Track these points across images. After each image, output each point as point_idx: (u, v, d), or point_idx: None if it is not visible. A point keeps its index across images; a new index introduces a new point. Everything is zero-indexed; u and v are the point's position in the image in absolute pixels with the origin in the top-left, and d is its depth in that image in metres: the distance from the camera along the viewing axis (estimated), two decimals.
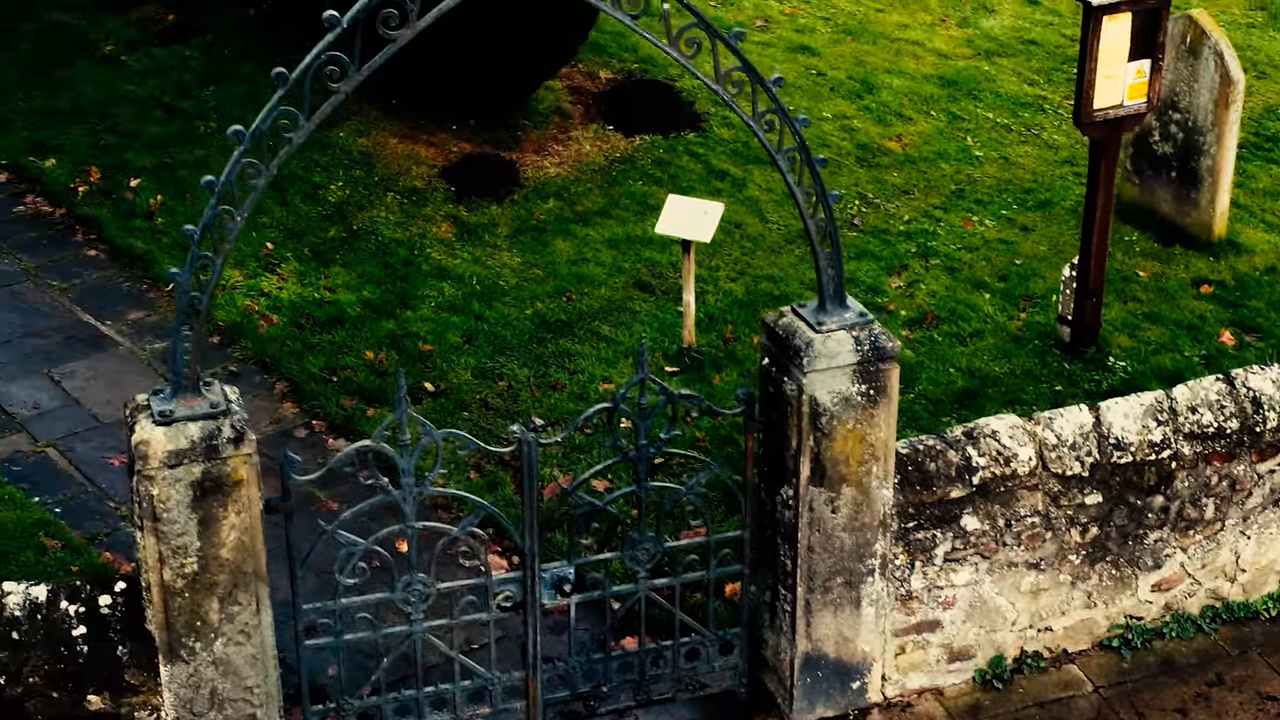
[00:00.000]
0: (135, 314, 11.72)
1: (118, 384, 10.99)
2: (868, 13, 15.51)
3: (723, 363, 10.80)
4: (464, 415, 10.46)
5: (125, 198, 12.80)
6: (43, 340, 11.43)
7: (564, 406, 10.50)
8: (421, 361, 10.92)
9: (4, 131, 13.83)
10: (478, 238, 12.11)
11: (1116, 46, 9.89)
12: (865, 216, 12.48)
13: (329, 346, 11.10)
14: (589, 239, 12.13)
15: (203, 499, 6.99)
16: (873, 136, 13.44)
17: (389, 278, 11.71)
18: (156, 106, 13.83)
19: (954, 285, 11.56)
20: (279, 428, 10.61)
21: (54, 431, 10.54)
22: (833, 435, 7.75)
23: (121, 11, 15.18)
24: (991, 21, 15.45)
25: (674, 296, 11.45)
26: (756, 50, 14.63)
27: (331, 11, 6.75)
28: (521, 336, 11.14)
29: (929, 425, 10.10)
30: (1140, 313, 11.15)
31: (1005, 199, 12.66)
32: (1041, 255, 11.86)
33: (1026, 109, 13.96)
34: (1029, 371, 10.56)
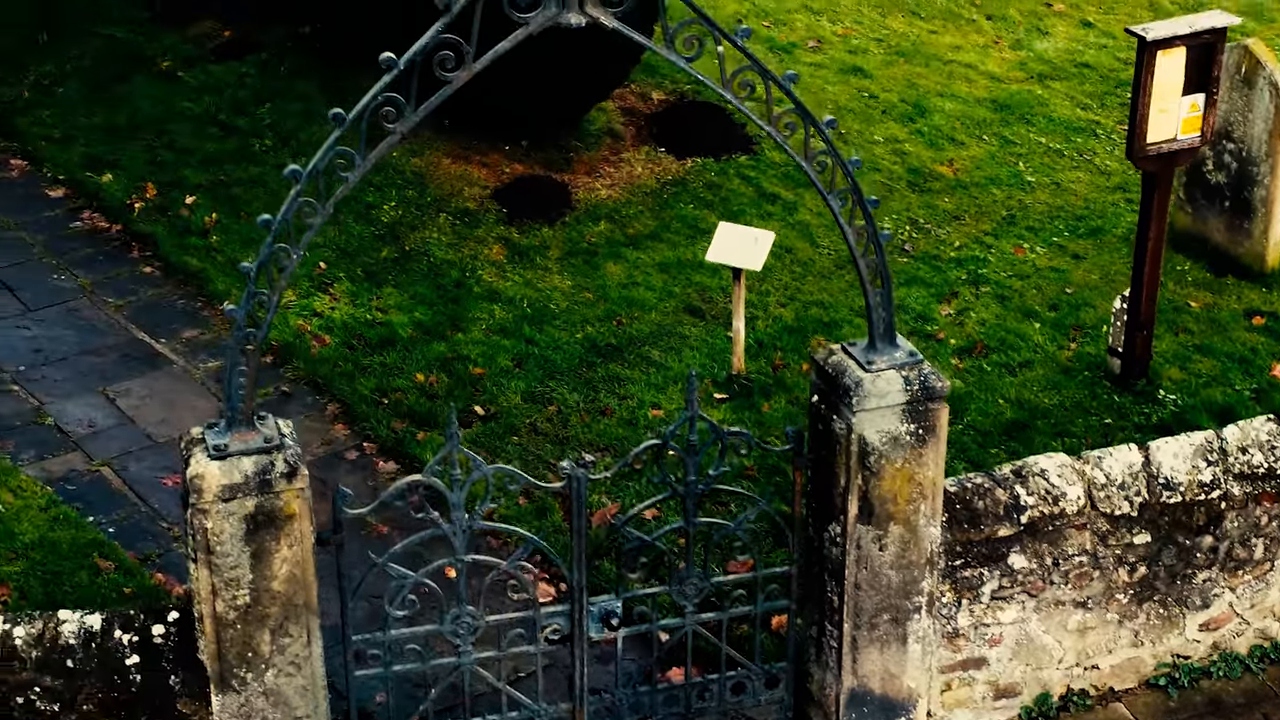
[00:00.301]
0: (189, 332, 11.83)
1: (172, 403, 11.10)
2: (920, 34, 15.50)
3: (772, 390, 10.82)
4: (513, 440, 10.52)
5: (181, 215, 12.92)
6: (98, 358, 11.55)
7: (613, 432, 10.55)
8: (472, 385, 10.99)
9: (63, 147, 13.99)
10: (529, 260, 12.17)
11: (1171, 81, 9.87)
12: (916, 242, 12.49)
13: (380, 368, 11.18)
14: (640, 262, 12.17)
15: (255, 532, 7.07)
16: (924, 161, 13.44)
17: (440, 299, 11.78)
18: (212, 123, 13.95)
19: (1004, 314, 11.55)
20: (330, 449, 10.70)
21: (109, 450, 10.66)
22: (881, 474, 7.77)
23: (179, 28, 15.32)
24: (1045, 44, 15.42)
25: (724, 321, 11.48)
26: (809, 71, 14.65)
27: (388, 54, 6.80)
28: (571, 360, 11.19)
29: (977, 457, 10.11)
30: (1191, 344, 11.12)
31: (1057, 226, 12.64)
32: (1092, 284, 11.84)
33: (1079, 134, 13.93)
34: (1078, 404, 10.55)
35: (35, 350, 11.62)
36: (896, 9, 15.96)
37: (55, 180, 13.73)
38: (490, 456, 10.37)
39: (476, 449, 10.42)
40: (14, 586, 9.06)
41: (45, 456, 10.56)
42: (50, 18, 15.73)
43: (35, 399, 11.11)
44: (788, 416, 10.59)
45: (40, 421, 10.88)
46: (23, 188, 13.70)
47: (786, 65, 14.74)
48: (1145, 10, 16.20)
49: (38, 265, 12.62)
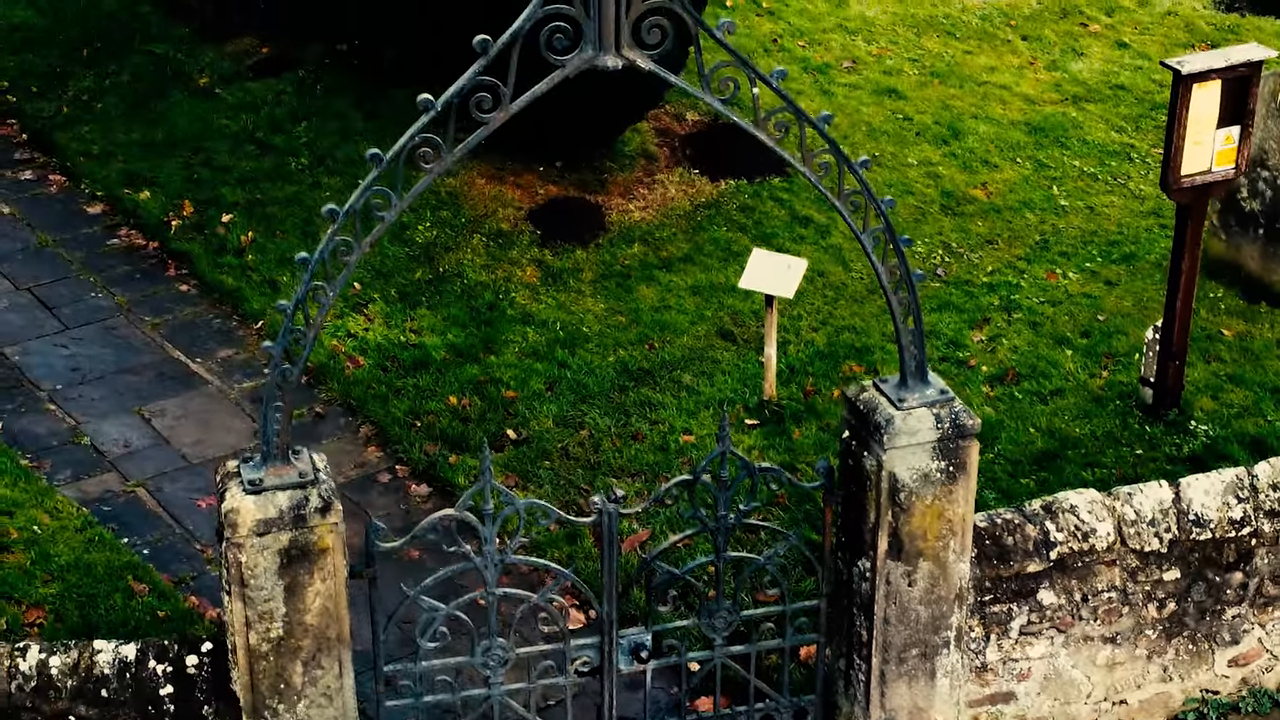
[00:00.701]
0: (225, 351, 11.92)
1: (207, 424, 11.19)
2: (955, 54, 15.50)
3: (803, 416, 10.85)
4: (545, 464, 10.57)
5: (217, 233, 13.01)
6: (134, 377, 11.65)
7: (644, 458, 10.59)
8: (504, 408, 11.04)
9: (102, 163, 14.10)
10: (562, 282, 12.22)
11: (1205, 113, 9.87)
12: (949, 266, 12.50)
13: (414, 390, 11.24)
14: (672, 285, 12.21)
15: (289, 566, 7.13)
16: (958, 184, 13.45)
17: (474, 321, 11.84)
18: (249, 141, 14.04)
19: (1036, 341, 11.55)
20: (362, 472, 10.77)
21: (144, 471, 10.75)
22: (911, 511, 7.79)
23: (217, 43, 15.42)
24: (1080, 65, 15.40)
25: (756, 346, 11.51)
26: (844, 92, 14.68)
27: (425, 95, 6.87)
28: (604, 384, 11.24)
29: (1007, 487, 10.12)
30: (1224, 374, 11.11)
31: (1090, 251, 12.64)
32: (1125, 311, 11.83)
33: (1114, 157, 13.92)
34: (1109, 433, 10.55)
35: (73, 369, 11.73)
36: (932, 29, 15.97)
37: (93, 197, 13.84)
38: (522, 481, 10.44)
39: (508, 473, 10.49)
40: (49, 610, 9.15)
41: (81, 477, 10.66)
42: (91, 33, 15.85)
43: (72, 418, 11.21)
44: (819, 443, 10.62)
45: (77, 441, 10.98)
46: (61, 204, 13.82)
47: (821, 86, 14.77)
48: (1181, 31, 16.18)
49: (76, 282, 12.73)
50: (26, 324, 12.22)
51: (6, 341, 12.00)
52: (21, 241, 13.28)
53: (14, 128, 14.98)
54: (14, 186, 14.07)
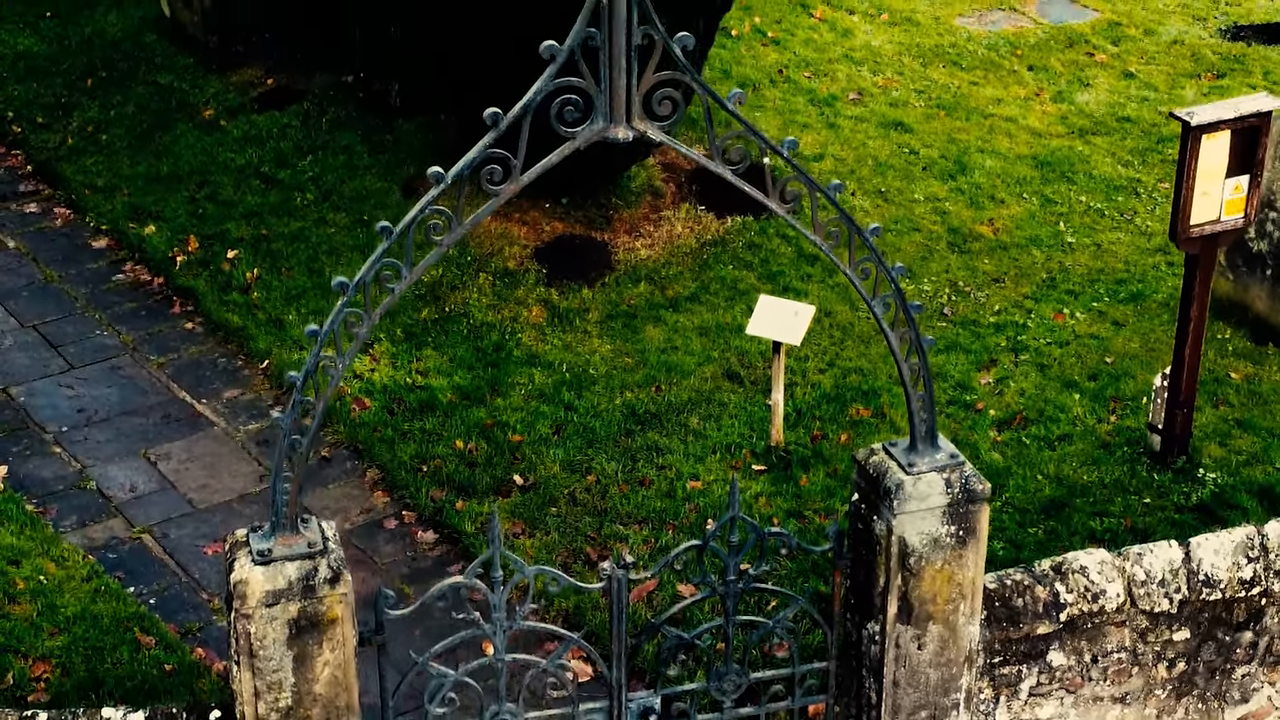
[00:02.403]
0: (230, 392, 11.91)
1: (212, 467, 11.17)
2: (962, 85, 15.48)
3: (810, 462, 10.83)
4: (552, 511, 10.56)
5: (222, 269, 12.99)
6: (140, 419, 11.63)
7: (651, 504, 10.57)
8: (511, 452, 11.02)
9: (107, 196, 14.09)
10: (569, 323, 12.20)
11: (1214, 163, 9.85)
12: (956, 305, 12.48)
13: (420, 434, 11.22)
14: (679, 326, 12.19)
15: (298, 636, 7.11)
16: (965, 220, 13.43)
17: (480, 363, 11.82)
18: (255, 175, 14.02)
19: (1044, 383, 11.53)
20: (369, 517, 10.75)
21: (150, 516, 10.74)
22: (921, 575, 7.77)
23: (222, 74, 15.40)
24: (1086, 96, 15.38)
25: (763, 388, 11.49)
26: (849, 125, 14.65)
27: (436, 169, 6.85)
28: (611, 428, 11.22)
29: (1016, 536, 10.10)
30: (1232, 419, 11.09)
31: (1097, 289, 12.62)
32: (1132, 353, 11.81)
33: (1120, 192, 13.90)
34: (1118, 481, 10.53)
35: (79, 410, 11.71)
36: (938, 59, 15.94)
37: (98, 230, 13.84)
38: (529, 528, 10.42)
39: (515, 520, 10.48)
40: (56, 664, 9.14)
41: (87, 523, 10.65)
42: (95, 62, 15.84)
43: (78, 462, 11.19)
44: (826, 490, 10.60)
45: (83, 486, 10.97)
46: (66, 237, 13.82)
47: (827, 118, 14.74)
48: (1187, 61, 16.15)
49: (81, 319, 12.72)
50: (32, 363, 12.21)
51: (12, 381, 11.99)
52: (27, 277, 13.27)
53: (19, 159, 14.99)
54: (19, 220, 14.07)
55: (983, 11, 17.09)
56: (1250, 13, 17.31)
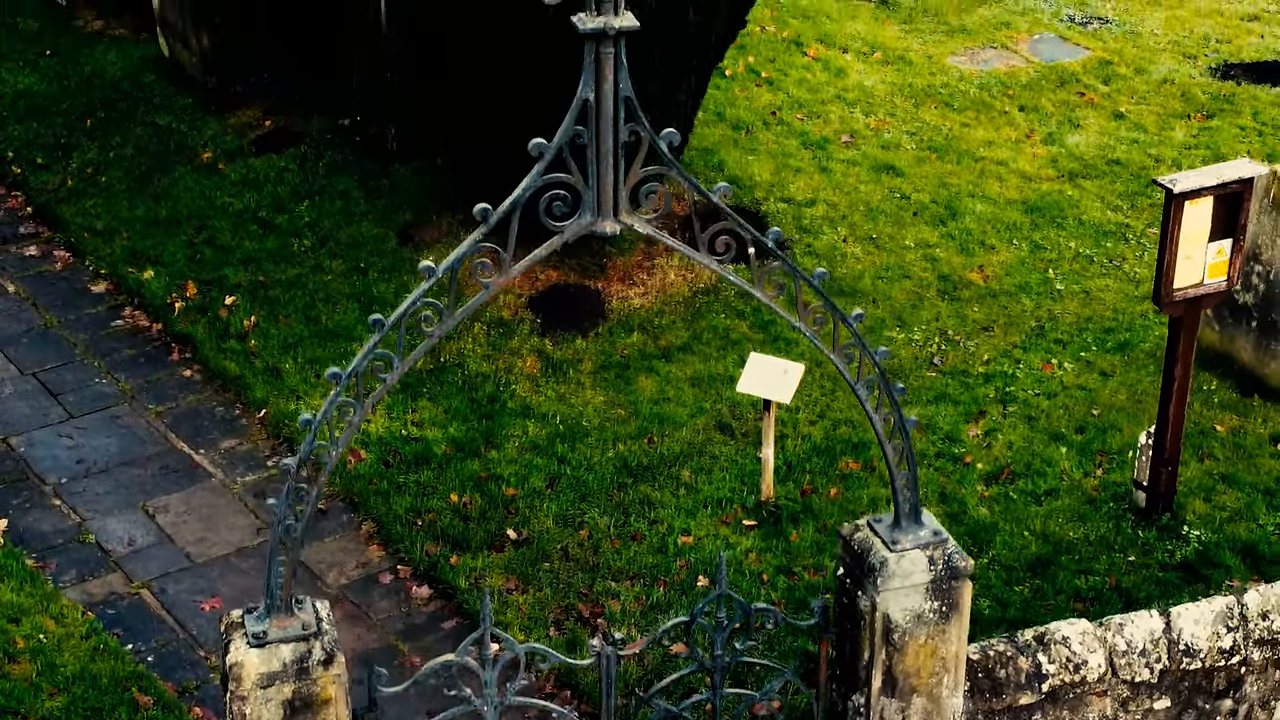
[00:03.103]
0: (228, 442, 12.04)
1: (209, 520, 11.31)
2: (953, 127, 15.61)
3: (800, 517, 10.97)
4: (545, 566, 10.69)
5: (220, 315, 13.13)
6: (138, 470, 11.77)
7: (643, 559, 10.71)
8: (505, 506, 11.16)
9: (106, 239, 14.23)
10: (562, 373, 12.34)
11: (1197, 229, 9.99)
12: (945, 355, 12.61)
13: (415, 486, 11.36)
14: (671, 376, 12.33)
15: (292, 717, 7.25)
16: (955, 267, 13.56)
17: (475, 414, 11.96)
18: (252, 220, 14.16)
19: (1031, 436, 11.67)
20: (364, 571, 10.89)
21: (148, 571, 10.87)
22: (905, 649, 7.92)
23: (220, 115, 15.54)
24: (1077, 137, 15.51)
25: (754, 440, 11.63)
26: (841, 169, 14.79)
27: (427, 263, 7.00)
28: (603, 481, 11.35)
29: (1001, 594, 10.24)
30: (1217, 473, 11.22)
31: (1085, 338, 12.75)
32: (1119, 405, 11.95)
33: (1109, 237, 14.03)
34: (1103, 538, 10.66)
35: (78, 461, 11.85)
36: (930, 99, 16.08)
37: (97, 275, 13.97)
38: (521, 584, 10.56)
39: (508, 575, 10.62)
40: None
41: (86, 578, 10.79)
42: (94, 102, 15.97)
43: (78, 514, 11.33)
44: (815, 545, 10.74)
45: (83, 539, 11.11)
46: (65, 281, 13.95)
47: (820, 162, 14.87)
48: (1177, 100, 16.28)
49: (80, 367, 12.85)
50: (32, 412, 12.34)
51: (13, 431, 12.13)
52: (27, 322, 13.40)
53: (19, 200, 15.12)
54: (19, 263, 14.20)
55: (975, 50, 17.23)
56: (1240, 50, 17.44)
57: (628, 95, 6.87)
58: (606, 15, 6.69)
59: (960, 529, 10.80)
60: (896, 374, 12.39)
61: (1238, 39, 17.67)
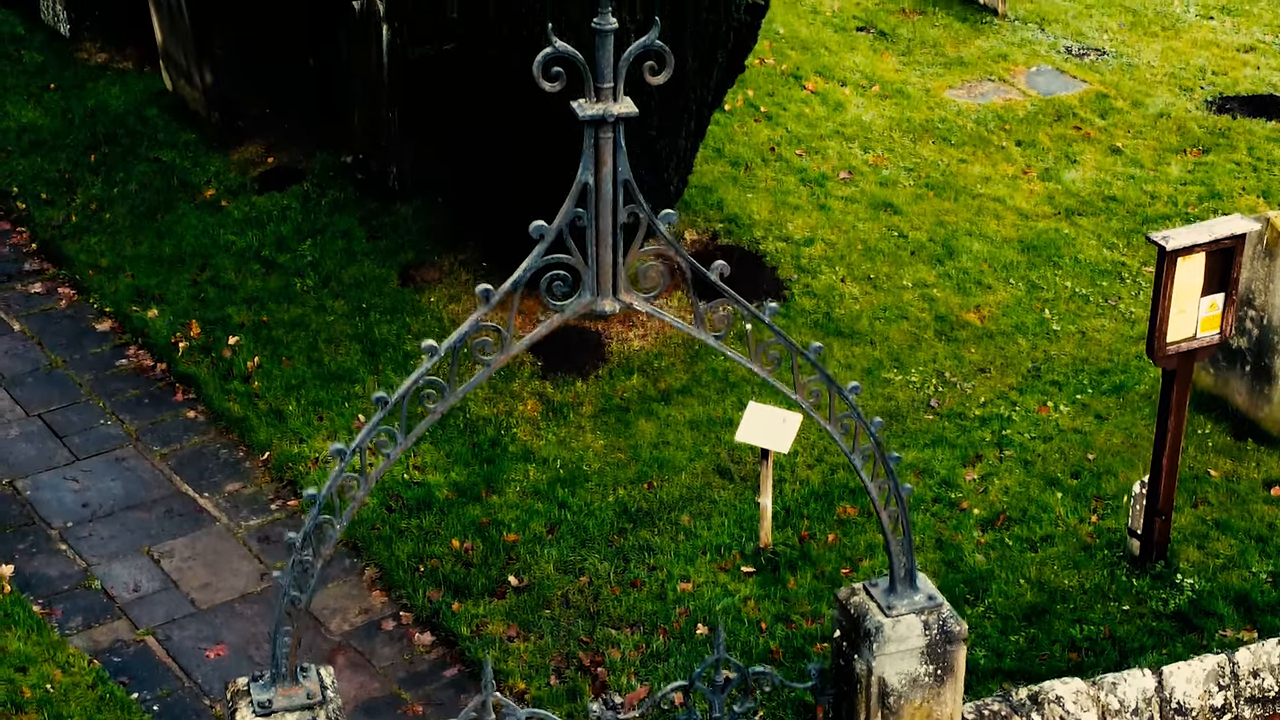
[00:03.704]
0: (232, 485, 12.16)
1: (214, 565, 11.43)
2: (951, 163, 15.73)
3: (798, 564, 11.09)
4: (545, 614, 10.82)
5: (224, 356, 13.25)
6: (143, 514, 11.89)
7: (643, 606, 10.83)
8: (506, 551, 11.28)
9: (110, 277, 14.34)
10: (563, 417, 12.46)
11: (1190, 283, 10.10)
12: (942, 397, 12.74)
13: (418, 532, 11.49)
14: (671, 420, 12.45)
15: None
16: (952, 307, 13.68)
17: (476, 459, 12.08)
18: (255, 259, 14.28)
19: (1027, 481, 11.79)
20: (367, 618, 11.01)
21: (153, 617, 10.99)
22: (900, 713, 8.04)
23: (223, 152, 15.66)
24: (1073, 174, 15.63)
25: (752, 484, 11.75)
26: (840, 207, 14.90)
27: (430, 342, 7.11)
28: (603, 527, 11.47)
29: (997, 644, 10.36)
30: (1210, 519, 11.34)
31: (1081, 380, 12.86)
32: (1114, 449, 12.06)
33: (1105, 276, 14.15)
34: (1097, 586, 10.78)
35: (83, 505, 11.97)
36: (927, 134, 16.20)
37: (102, 313, 14.09)
38: (523, 631, 10.68)
39: (510, 622, 10.74)
40: None
41: (92, 624, 10.91)
42: (98, 137, 16.09)
43: (83, 559, 11.46)
44: (813, 592, 10.86)
45: (88, 585, 11.23)
46: (70, 319, 14.07)
47: (818, 199, 14.99)
48: (1173, 135, 16.40)
49: (85, 408, 12.97)
50: (38, 454, 12.46)
51: (19, 474, 12.26)
52: (32, 362, 13.52)
53: (24, 236, 15.24)
54: (25, 301, 14.32)
55: (972, 83, 17.34)
56: (1237, 82, 17.55)
57: (627, 179, 7.00)
58: (605, 102, 6.82)
59: (957, 576, 10.93)
60: (894, 417, 12.52)
61: (1233, 71, 17.78)
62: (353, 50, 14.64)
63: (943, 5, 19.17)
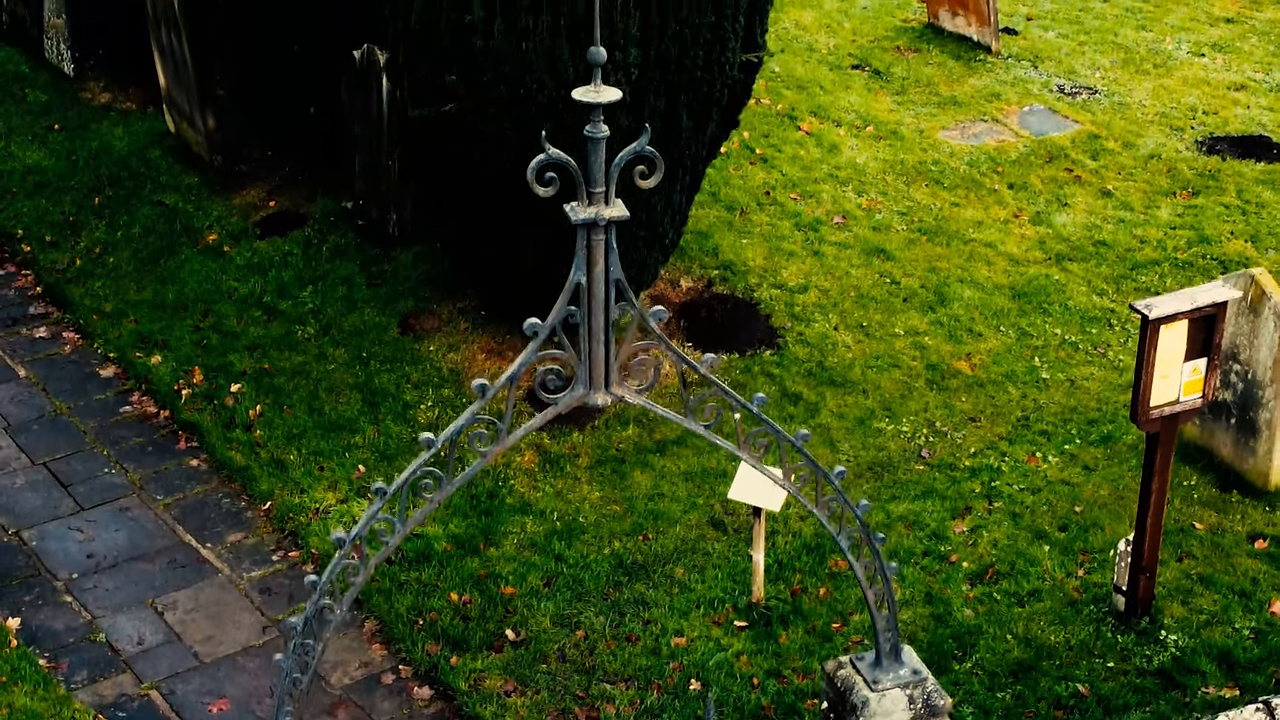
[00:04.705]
0: (234, 535, 12.38)
1: (217, 618, 11.64)
2: (944, 206, 15.94)
3: (790, 619, 11.30)
4: (542, 668, 11.03)
5: (226, 404, 13.47)
6: (147, 565, 12.10)
7: (638, 661, 11.04)
8: (504, 605, 11.50)
9: (114, 322, 14.56)
10: (559, 468, 12.67)
11: (1173, 349, 10.31)
12: (933, 447, 12.94)
13: (417, 585, 11.70)
14: (666, 471, 12.66)
15: None
16: (944, 355, 13.89)
17: (474, 511, 12.29)
18: (257, 305, 14.49)
19: (1015, 534, 11.99)
20: (367, 671, 11.22)
21: (157, 670, 11.21)
22: None
23: (225, 196, 15.88)
24: (1064, 217, 15.84)
25: (745, 537, 11.96)
26: (833, 253, 15.12)
27: (427, 435, 7.32)
28: (599, 580, 11.69)
29: (984, 701, 10.57)
30: (1195, 573, 11.55)
31: (1069, 430, 13.07)
32: (1102, 501, 12.27)
33: (1094, 324, 14.36)
34: (1083, 643, 10.99)
35: (88, 555, 12.18)
36: (921, 177, 16.41)
37: (106, 358, 14.31)
38: (520, 686, 10.89)
39: (507, 677, 10.95)
40: None
41: (97, 678, 11.12)
42: (102, 179, 16.31)
43: (88, 612, 11.66)
44: (804, 648, 11.07)
45: (93, 638, 11.44)
46: (75, 365, 14.29)
47: (812, 245, 15.21)
48: (1163, 177, 16.61)
49: (89, 456, 13.19)
50: (43, 504, 12.68)
51: (25, 524, 12.47)
52: (38, 409, 13.74)
53: (30, 279, 15.47)
54: (30, 346, 14.54)
55: (966, 123, 17.56)
56: (1227, 122, 17.77)
57: (618, 278, 7.22)
58: (597, 206, 7.04)
59: (945, 631, 11.14)
60: (886, 467, 12.73)
61: (1224, 110, 17.99)
62: (353, 98, 14.86)
63: (937, 42, 19.41)
